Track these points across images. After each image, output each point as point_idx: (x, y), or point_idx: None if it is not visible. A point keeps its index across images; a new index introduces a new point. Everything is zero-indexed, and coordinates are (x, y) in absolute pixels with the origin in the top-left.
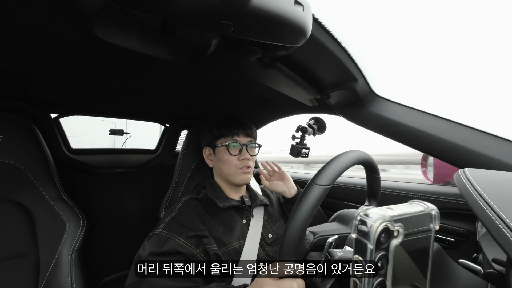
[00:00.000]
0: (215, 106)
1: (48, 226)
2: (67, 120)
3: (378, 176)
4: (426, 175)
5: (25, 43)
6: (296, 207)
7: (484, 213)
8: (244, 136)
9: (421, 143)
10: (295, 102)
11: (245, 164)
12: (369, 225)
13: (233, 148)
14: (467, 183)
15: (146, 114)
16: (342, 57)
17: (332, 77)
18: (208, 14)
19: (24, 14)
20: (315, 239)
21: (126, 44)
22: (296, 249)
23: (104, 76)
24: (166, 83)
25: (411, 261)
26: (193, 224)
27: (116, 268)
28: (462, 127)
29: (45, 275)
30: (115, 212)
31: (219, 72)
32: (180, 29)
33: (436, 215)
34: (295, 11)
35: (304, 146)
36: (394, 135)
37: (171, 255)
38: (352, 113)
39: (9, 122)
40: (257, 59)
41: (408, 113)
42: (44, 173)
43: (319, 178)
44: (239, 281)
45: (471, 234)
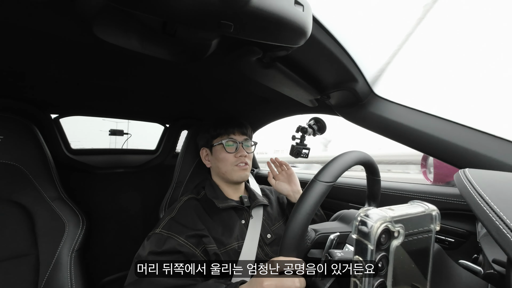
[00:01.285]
0: (215, 106)
1: (48, 226)
2: (70, 122)
3: (378, 178)
4: (426, 176)
5: (25, 43)
6: (299, 203)
7: (484, 214)
8: (240, 135)
9: (421, 143)
10: (295, 102)
11: (242, 160)
12: (369, 225)
13: (229, 146)
14: (467, 183)
15: (146, 114)
16: (342, 57)
17: (332, 78)
18: (208, 15)
19: (25, 14)
20: (317, 235)
21: (126, 44)
22: (298, 245)
23: (104, 76)
24: (166, 83)
25: (412, 261)
26: (193, 224)
27: (116, 268)
28: (462, 127)
29: (45, 275)
30: (115, 212)
31: (219, 72)
32: (180, 29)
33: (436, 216)
34: (295, 11)
35: (304, 146)
36: (394, 135)
37: (171, 254)
38: (352, 114)
39: (9, 122)
40: (257, 59)
41: (408, 113)
42: (44, 173)
43: (322, 175)
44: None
45: (471, 235)
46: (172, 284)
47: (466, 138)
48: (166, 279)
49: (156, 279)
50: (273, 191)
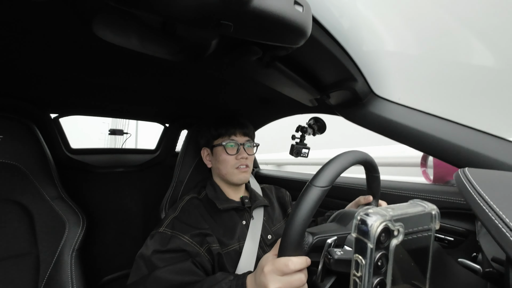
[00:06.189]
0: (214, 106)
1: (48, 225)
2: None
3: (377, 175)
4: (426, 175)
5: (25, 43)
6: (294, 209)
7: (483, 213)
8: (242, 136)
9: (421, 143)
10: (295, 102)
11: (243, 163)
12: (369, 224)
13: (230, 148)
14: (467, 183)
15: (146, 114)
16: (342, 57)
17: (332, 77)
18: (208, 14)
19: (24, 14)
20: (314, 240)
21: (126, 43)
22: (295, 250)
23: (103, 75)
24: (166, 82)
25: (411, 260)
26: (196, 223)
27: (116, 267)
28: (462, 127)
29: (45, 275)
30: (115, 212)
31: (219, 72)
32: (180, 29)
33: (436, 215)
34: (295, 12)
35: (304, 146)
36: (394, 135)
37: (175, 253)
38: (352, 113)
39: (9, 122)
40: (257, 59)
41: (408, 113)
42: (44, 172)
43: (317, 180)
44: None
45: (470, 234)
46: (178, 281)
47: (466, 138)
48: (172, 277)
49: (161, 277)
50: (273, 190)
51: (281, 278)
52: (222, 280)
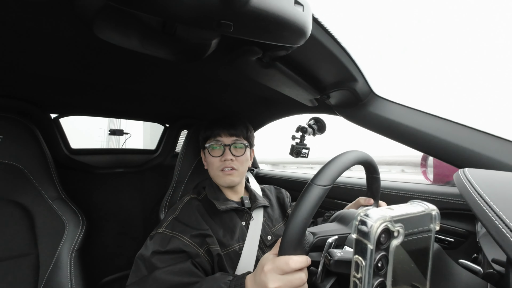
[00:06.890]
0: (215, 106)
1: (47, 226)
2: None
3: (378, 176)
4: (426, 175)
5: (25, 43)
6: (295, 208)
7: (484, 213)
8: (227, 136)
9: (421, 143)
10: (295, 102)
11: (227, 165)
12: (369, 225)
13: (214, 150)
14: (467, 183)
15: (146, 114)
16: (342, 57)
17: (332, 77)
18: (208, 14)
19: (25, 14)
20: (315, 239)
21: (126, 44)
22: (295, 249)
23: (104, 76)
24: (166, 83)
25: (411, 261)
26: (196, 223)
27: (116, 268)
28: (462, 127)
29: (44, 275)
30: (115, 212)
31: (219, 72)
32: (180, 29)
33: (436, 216)
34: (295, 11)
35: (304, 146)
36: (394, 135)
37: (175, 254)
38: (352, 113)
39: (9, 122)
40: (257, 59)
41: (408, 113)
42: (44, 173)
43: (318, 179)
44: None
45: (470, 234)
46: (177, 282)
47: (466, 138)
48: (171, 277)
49: (161, 278)
50: (273, 191)
51: (281, 277)
52: (221, 280)
